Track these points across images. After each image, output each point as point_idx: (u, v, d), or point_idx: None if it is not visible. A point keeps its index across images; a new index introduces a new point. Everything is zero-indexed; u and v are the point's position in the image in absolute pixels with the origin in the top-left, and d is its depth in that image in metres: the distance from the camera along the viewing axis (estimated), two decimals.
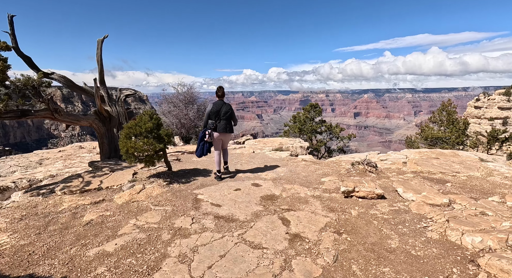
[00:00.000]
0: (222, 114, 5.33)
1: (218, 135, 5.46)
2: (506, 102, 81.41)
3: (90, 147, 12.52)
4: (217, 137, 5.49)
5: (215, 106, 5.34)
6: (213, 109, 5.32)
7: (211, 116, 5.35)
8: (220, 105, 5.33)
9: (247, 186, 5.16)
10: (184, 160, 7.65)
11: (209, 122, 5.36)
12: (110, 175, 5.71)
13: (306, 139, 13.70)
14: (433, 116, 12.82)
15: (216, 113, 5.32)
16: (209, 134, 5.36)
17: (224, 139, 5.65)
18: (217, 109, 5.32)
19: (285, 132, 14.70)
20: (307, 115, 14.02)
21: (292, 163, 7.19)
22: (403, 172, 5.83)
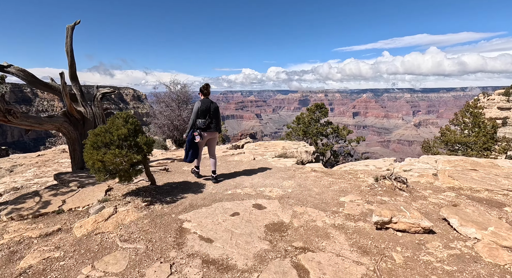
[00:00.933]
0: (212, 113, 5.11)
1: (207, 135, 5.24)
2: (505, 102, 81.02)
3: None
4: (205, 137, 5.25)
5: (204, 104, 5.04)
6: (202, 107, 5.02)
7: (200, 115, 5.04)
8: (208, 103, 5.08)
9: (247, 208, 4.07)
10: (173, 169, 6.55)
11: (198, 122, 5.05)
12: (78, 192, 4.60)
13: (311, 142, 12.65)
14: (456, 118, 11.76)
15: (206, 111, 5.03)
16: (199, 135, 5.05)
17: (212, 138, 5.45)
18: (206, 107, 5.04)
19: (288, 135, 13.63)
20: (312, 117, 12.92)
21: (300, 173, 6.11)
22: (438, 189, 4.76)
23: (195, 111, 5.02)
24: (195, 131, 5.03)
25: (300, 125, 12.91)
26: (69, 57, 5.35)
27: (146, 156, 4.49)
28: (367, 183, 5.14)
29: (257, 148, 10.49)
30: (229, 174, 6.10)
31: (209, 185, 5.28)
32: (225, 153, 8.55)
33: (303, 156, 9.63)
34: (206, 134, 5.17)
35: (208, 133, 5.20)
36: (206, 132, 5.15)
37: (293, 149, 9.98)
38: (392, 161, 8.43)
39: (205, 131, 5.13)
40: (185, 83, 10.77)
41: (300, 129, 12.58)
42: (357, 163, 8.36)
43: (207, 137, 5.24)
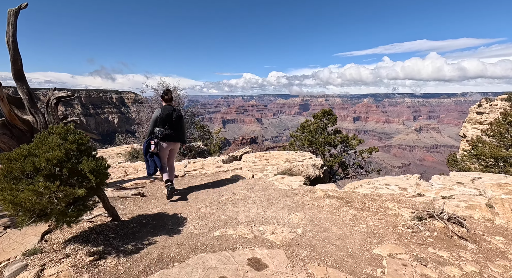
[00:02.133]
0: (174, 121, 4.76)
1: (167, 145, 4.81)
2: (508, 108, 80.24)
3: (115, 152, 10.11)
4: (166, 148, 4.81)
5: (164, 111, 4.67)
6: (162, 115, 4.64)
7: (159, 123, 4.68)
8: (170, 111, 4.72)
9: (239, 269, 2.75)
10: (151, 192, 5.23)
11: (156, 130, 4.68)
12: (1, 237, 3.28)
13: (318, 153, 11.36)
14: (491, 128, 10.43)
15: (166, 119, 4.67)
16: (154, 144, 4.63)
17: (173, 149, 5.07)
18: (167, 115, 4.68)
19: (291, 144, 12.33)
20: (318, 125, 11.64)
21: (310, 201, 4.79)
22: (509, 232, 3.42)
23: (153, 119, 4.62)
24: (152, 140, 4.61)
25: (305, 134, 11.60)
26: (11, 50, 4.12)
27: (99, 187, 3.19)
28: (404, 219, 3.80)
29: (256, 160, 9.18)
30: (220, 201, 4.78)
31: (191, 219, 3.96)
32: (218, 169, 7.24)
33: (310, 170, 8.31)
34: (166, 144, 4.78)
35: (168, 144, 4.80)
36: (166, 143, 4.77)
37: (298, 162, 8.66)
38: (416, 178, 7.11)
39: (163, 141, 4.74)
40: (175, 86, 9.53)
41: (306, 139, 11.26)
42: (374, 181, 7.03)
43: (167, 148, 4.82)
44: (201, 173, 6.70)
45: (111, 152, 11.26)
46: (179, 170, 7.10)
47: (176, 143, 5.00)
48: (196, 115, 10.25)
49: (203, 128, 13.52)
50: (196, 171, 6.92)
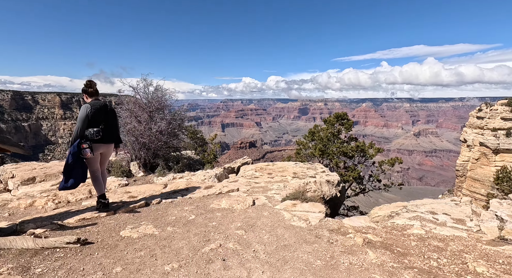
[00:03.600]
0: (109, 118, 4.02)
1: (100, 149, 4.01)
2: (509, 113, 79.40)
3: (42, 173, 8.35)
4: (99, 151, 4.03)
5: (94, 107, 3.82)
6: (92, 111, 3.78)
7: (91, 122, 3.81)
8: (101, 105, 3.89)
9: None
10: (101, 235, 3.48)
11: (89, 132, 3.79)
12: None
13: (332, 166, 9.65)
14: None
15: (99, 116, 3.86)
16: (89, 148, 3.75)
17: (106, 153, 4.26)
18: (99, 111, 3.87)
19: (298, 153, 10.62)
20: (331, 131, 9.92)
21: (344, 255, 3.07)
22: None
23: (82, 117, 3.77)
24: (84, 143, 3.77)
25: (315, 141, 9.88)
26: None
27: None
28: None
29: (257, 174, 7.47)
30: (204, 254, 3.05)
31: None
32: (208, 190, 5.47)
33: (324, 188, 6.61)
34: (101, 147, 4.04)
35: (103, 147, 4.09)
36: (101, 145, 4.01)
37: (309, 178, 6.95)
38: (468, 203, 5.41)
39: (98, 144, 3.96)
40: (159, 85, 7.85)
41: (316, 148, 9.53)
42: (412, 207, 5.32)
43: (100, 151, 4.08)
44: (184, 198, 4.96)
45: None
46: (155, 192, 5.36)
47: (111, 145, 4.26)
48: (185, 119, 8.53)
49: (196, 135, 11.77)
50: (178, 194, 5.18)
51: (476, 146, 60.42)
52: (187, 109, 8.87)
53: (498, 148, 50.01)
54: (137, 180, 7.22)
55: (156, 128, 7.41)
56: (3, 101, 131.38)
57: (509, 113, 77.83)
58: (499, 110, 79.10)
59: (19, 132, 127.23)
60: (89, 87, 3.96)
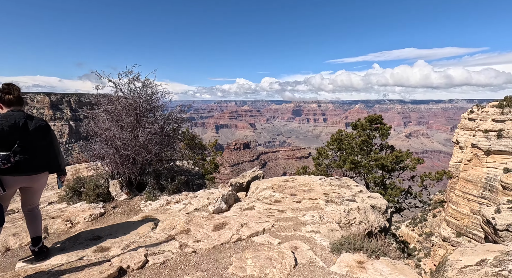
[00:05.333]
0: (30, 137, 2.78)
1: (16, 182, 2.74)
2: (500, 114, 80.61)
3: None
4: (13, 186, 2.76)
5: (8, 121, 2.66)
6: (5, 127, 2.62)
7: (2, 142, 2.66)
8: (19, 119, 2.73)
9: None
10: None
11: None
12: None
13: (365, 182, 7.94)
14: None
15: (13, 134, 2.68)
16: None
17: (32, 188, 2.95)
18: (14, 127, 2.68)
19: (318, 164, 8.84)
20: (366, 138, 8.10)
21: None
22: None
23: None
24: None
25: (345, 151, 8.02)
26: None
27: None
28: None
29: (277, 196, 5.73)
30: None
31: None
32: (220, 233, 3.66)
33: (371, 217, 4.92)
34: (15, 181, 2.71)
35: (21, 180, 2.75)
36: (15, 178, 2.69)
37: (347, 202, 5.26)
38: None
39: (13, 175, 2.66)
40: (149, 79, 5.99)
41: (346, 160, 7.70)
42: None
43: (17, 186, 2.78)
44: (184, 251, 3.15)
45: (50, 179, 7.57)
46: (138, 237, 3.52)
47: (35, 176, 2.87)
48: (182, 123, 6.74)
49: (193, 141, 9.88)
50: (174, 242, 3.37)
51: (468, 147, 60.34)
52: (182, 110, 7.07)
53: (490, 149, 49.81)
54: (117, 206, 5.37)
55: (144, 136, 5.58)
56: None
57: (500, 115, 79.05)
58: (490, 112, 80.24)
59: None
60: (7, 93, 2.78)
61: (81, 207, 5.09)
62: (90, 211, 4.92)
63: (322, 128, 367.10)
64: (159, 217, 4.68)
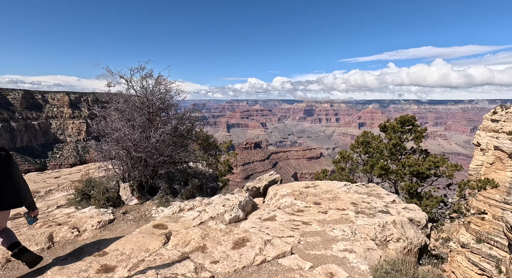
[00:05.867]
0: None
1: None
2: None
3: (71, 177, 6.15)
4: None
5: None
6: None
7: None
8: None
9: None
10: None
11: None
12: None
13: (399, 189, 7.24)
14: None
15: None
16: None
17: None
18: None
19: (339, 168, 8.18)
20: (397, 141, 7.37)
21: None
22: None
23: None
24: None
25: (373, 155, 7.33)
26: None
27: None
28: None
29: (299, 204, 5.20)
30: None
31: None
32: (240, 252, 3.15)
33: (409, 233, 4.31)
34: None
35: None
36: None
37: (380, 214, 4.66)
38: None
39: None
40: (162, 76, 5.57)
41: (376, 166, 6.96)
42: None
43: None
44: (199, 276, 2.68)
45: (62, 179, 7.32)
46: (148, 254, 3.08)
47: None
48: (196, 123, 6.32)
49: (207, 141, 9.44)
50: (188, 262, 2.91)
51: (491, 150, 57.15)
52: (197, 109, 6.64)
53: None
54: (128, 212, 5.00)
55: (157, 137, 5.18)
56: (14, 100, 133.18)
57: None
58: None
59: (29, 131, 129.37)
60: None
61: (90, 213, 4.75)
62: (99, 217, 4.56)
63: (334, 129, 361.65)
64: (172, 227, 4.26)
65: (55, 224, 4.29)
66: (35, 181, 7.51)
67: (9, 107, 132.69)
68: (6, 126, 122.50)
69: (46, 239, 3.89)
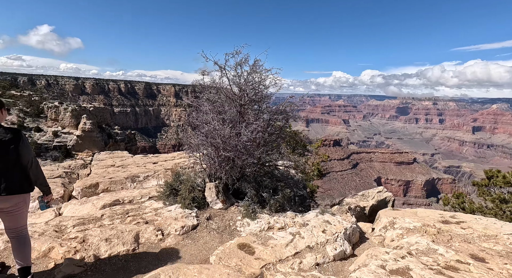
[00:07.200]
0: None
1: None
2: None
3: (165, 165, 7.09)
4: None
5: None
6: None
7: None
8: None
9: None
10: None
11: None
12: None
13: None
14: None
15: None
16: None
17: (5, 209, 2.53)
18: None
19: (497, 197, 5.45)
20: None
21: None
22: None
23: None
24: None
25: None
26: None
27: None
28: None
29: (443, 251, 3.42)
30: None
31: None
32: None
33: None
34: None
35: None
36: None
37: None
38: None
39: None
40: (259, 60, 4.66)
41: None
42: None
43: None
44: None
45: (158, 166, 7.60)
46: None
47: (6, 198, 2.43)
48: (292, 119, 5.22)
49: (295, 139, 8.27)
50: None
51: None
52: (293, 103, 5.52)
53: None
54: (211, 217, 4.40)
55: (248, 135, 4.34)
56: (139, 90, 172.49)
57: None
58: None
59: (147, 115, 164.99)
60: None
61: (175, 212, 4.36)
62: (183, 221, 4.08)
63: (436, 131, 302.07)
64: (260, 252, 3.33)
65: (143, 221, 4.02)
66: (138, 164, 8.15)
67: (135, 96, 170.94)
68: (133, 110, 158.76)
69: (132, 239, 3.59)
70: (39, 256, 3.18)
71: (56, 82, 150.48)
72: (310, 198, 7.36)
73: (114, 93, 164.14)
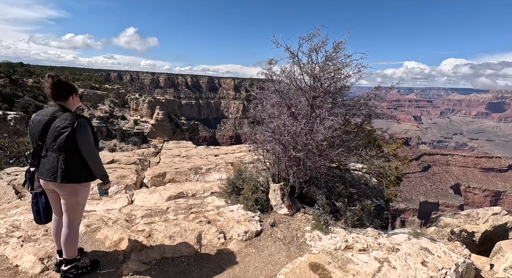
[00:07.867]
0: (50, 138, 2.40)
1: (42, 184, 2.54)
2: None
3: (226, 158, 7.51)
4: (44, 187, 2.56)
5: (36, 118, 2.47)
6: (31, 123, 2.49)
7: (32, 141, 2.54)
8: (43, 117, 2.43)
9: None
10: None
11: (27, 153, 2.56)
12: None
13: None
14: None
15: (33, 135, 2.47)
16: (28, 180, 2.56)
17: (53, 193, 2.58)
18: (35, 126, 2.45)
19: None
20: None
21: None
22: None
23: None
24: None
25: None
26: None
27: None
28: None
29: None
30: None
31: None
32: None
33: None
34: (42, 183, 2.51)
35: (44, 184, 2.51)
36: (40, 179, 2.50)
37: None
38: None
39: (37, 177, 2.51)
40: (342, 42, 3.85)
41: None
42: None
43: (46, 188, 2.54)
44: None
45: (219, 159, 7.51)
46: None
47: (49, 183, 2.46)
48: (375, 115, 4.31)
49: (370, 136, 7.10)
50: None
51: None
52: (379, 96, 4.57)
53: None
54: (276, 223, 3.92)
55: (325, 133, 3.64)
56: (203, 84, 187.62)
57: None
58: None
59: (209, 107, 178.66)
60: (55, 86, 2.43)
61: (237, 213, 4.02)
62: (246, 224, 3.70)
63: None
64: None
65: (205, 220, 3.80)
66: (201, 156, 8.29)
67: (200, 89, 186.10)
68: (197, 102, 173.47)
69: (195, 239, 3.38)
70: (111, 245, 3.22)
71: (137, 77, 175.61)
72: (387, 209, 6.23)
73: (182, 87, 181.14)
